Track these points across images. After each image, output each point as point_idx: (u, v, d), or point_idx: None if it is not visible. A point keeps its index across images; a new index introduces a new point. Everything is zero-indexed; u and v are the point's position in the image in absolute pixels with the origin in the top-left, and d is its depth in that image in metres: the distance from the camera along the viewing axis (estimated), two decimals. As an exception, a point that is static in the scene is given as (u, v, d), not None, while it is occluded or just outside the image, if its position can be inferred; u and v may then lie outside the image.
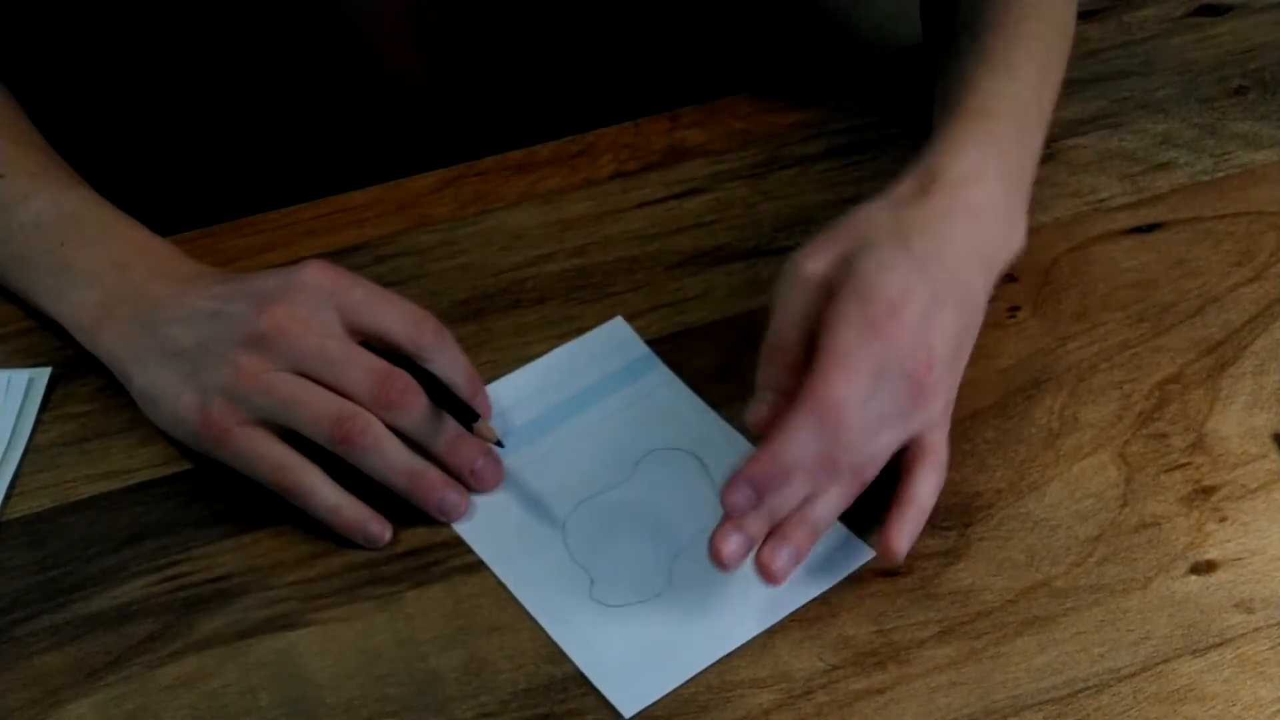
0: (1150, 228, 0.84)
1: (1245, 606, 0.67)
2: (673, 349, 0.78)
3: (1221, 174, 0.87)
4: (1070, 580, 0.68)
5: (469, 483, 0.71)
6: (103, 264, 0.75)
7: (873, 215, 0.72)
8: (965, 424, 0.75)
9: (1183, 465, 0.73)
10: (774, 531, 0.67)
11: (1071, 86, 0.91)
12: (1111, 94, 0.91)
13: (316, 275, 0.71)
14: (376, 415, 0.69)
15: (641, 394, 0.76)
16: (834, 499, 0.68)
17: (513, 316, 0.80)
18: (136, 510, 0.72)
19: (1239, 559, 0.69)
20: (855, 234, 0.70)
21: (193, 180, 0.94)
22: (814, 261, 0.69)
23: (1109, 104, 0.91)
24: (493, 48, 0.91)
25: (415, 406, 0.70)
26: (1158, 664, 0.65)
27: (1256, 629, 0.66)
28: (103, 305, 0.74)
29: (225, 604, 0.69)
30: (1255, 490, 0.72)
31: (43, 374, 0.76)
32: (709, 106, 0.91)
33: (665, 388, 0.76)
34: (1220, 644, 0.66)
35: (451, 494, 0.71)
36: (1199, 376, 0.76)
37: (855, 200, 0.85)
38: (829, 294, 0.68)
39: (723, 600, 0.68)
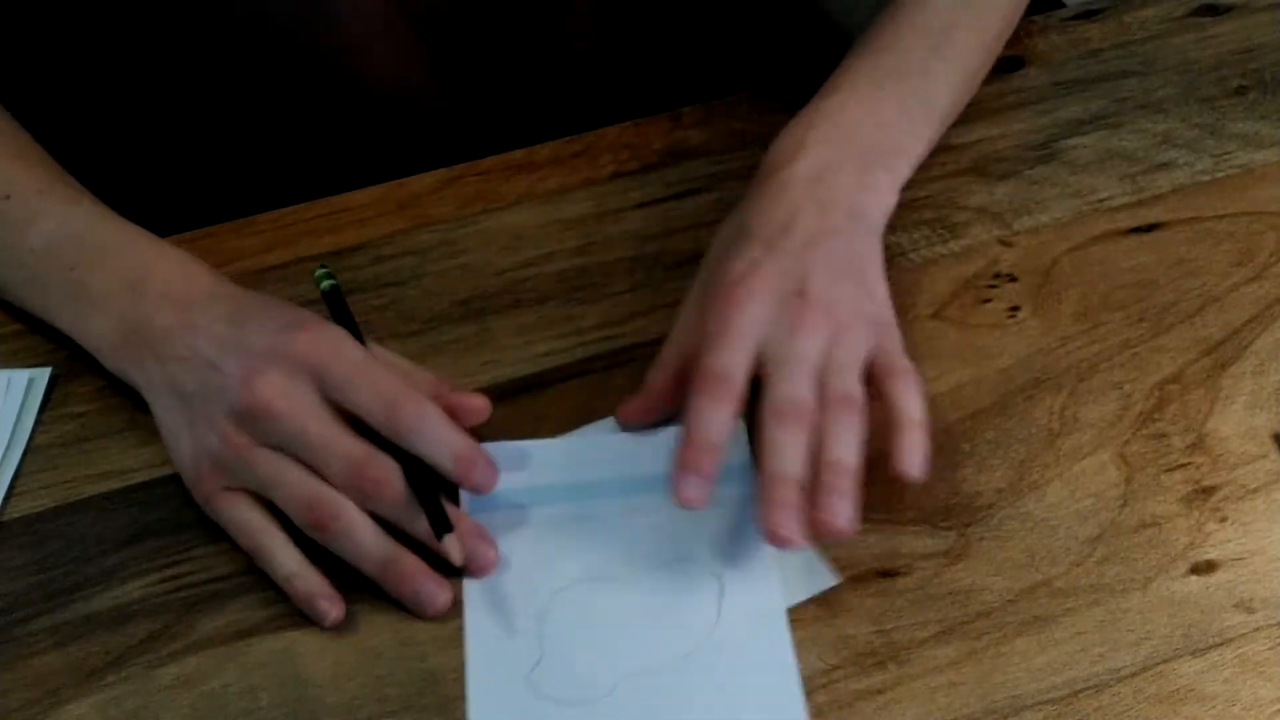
0: (1150, 228, 0.84)
1: (1245, 606, 0.67)
2: (673, 349, 0.78)
3: (1221, 174, 0.87)
4: (1070, 580, 0.68)
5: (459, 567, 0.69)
6: (114, 287, 0.74)
7: (717, 236, 0.77)
8: (965, 424, 0.75)
9: (1183, 465, 0.73)
10: (819, 487, 0.67)
11: (1071, 86, 0.91)
12: (1111, 94, 0.91)
13: (305, 346, 0.69)
14: (353, 500, 0.68)
15: (714, 502, 0.69)
16: (847, 435, 0.68)
17: (513, 316, 0.80)
18: (136, 510, 0.72)
19: (1239, 559, 0.69)
20: (706, 262, 0.76)
21: (193, 180, 0.94)
22: (684, 305, 0.75)
23: (1109, 104, 0.91)
24: (493, 48, 0.91)
25: (391, 496, 0.68)
26: (1158, 664, 0.65)
27: (1256, 629, 0.66)
28: (118, 332, 0.73)
29: (225, 604, 0.69)
30: (1255, 490, 0.72)
31: (43, 374, 0.76)
32: (709, 106, 0.91)
33: (737, 503, 0.71)
34: (1220, 644, 0.66)
35: (428, 585, 0.68)
36: (1199, 376, 0.76)
37: (855, 200, 0.85)
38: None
39: None
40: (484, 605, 0.68)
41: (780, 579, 0.68)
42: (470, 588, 0.68)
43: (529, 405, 0.76)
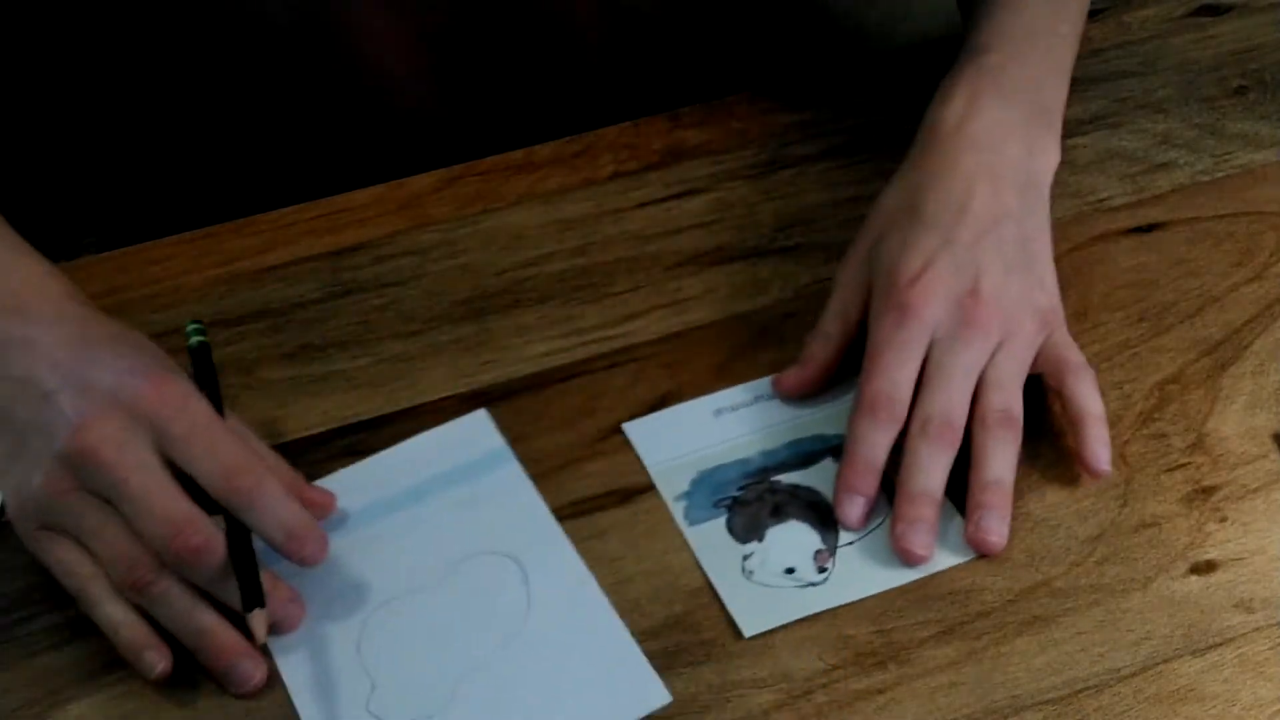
0: (1150, 228, 0.84)
1: (1245, 606, 0.67)
2: (673, 349, 0.78)
3: (1221, 174, 0.87)
4: (1070, 580, 0.68)
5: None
6: None
7: (885, 200, 0.77)
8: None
9: (1183, 465, 0.73)
10: (976, 507, 0.69)
11: (1072, 86, 0.91)
12: (1111, 94, 0.91)
13: (150, 397, 0.65)
14: (168, 562, 0.64)
15: (483, 492, 0.72)
16: (1003, 454, 0.70)
17: (513, 316, 0.80)
18: (136, 510, 0.72)
19: (1239, 559, 0.69)
20: (874, 228, 0.76)
21: (193, 180, 0.94)
22: (845, 270, 0.76)
23: (1109, 104, 0.91)
24: (493, 48, 0.91)
25: (208, 564, 0.64)
26: (1158, 664, 0.65)
27: (1256, 629, 0.66)
28: None
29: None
30: (1255, 490, 0.72)
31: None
32: (709, 106, 0.91)
33: (509, 487, 0.72)
34: (1220, 644, 0.66)
35: (243, 663, 0.65)
36: (1199, 376, 0.76)
37: (855, 200, 0.86)
38: (869, 292, 0.74)
39: None
40: (296, 652, 0.66)
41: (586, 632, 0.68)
42: (280, 642, 0.67)
43: (529, 405, 0.76)
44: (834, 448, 0.73)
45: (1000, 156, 0.76)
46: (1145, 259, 0.82)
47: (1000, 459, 0.70)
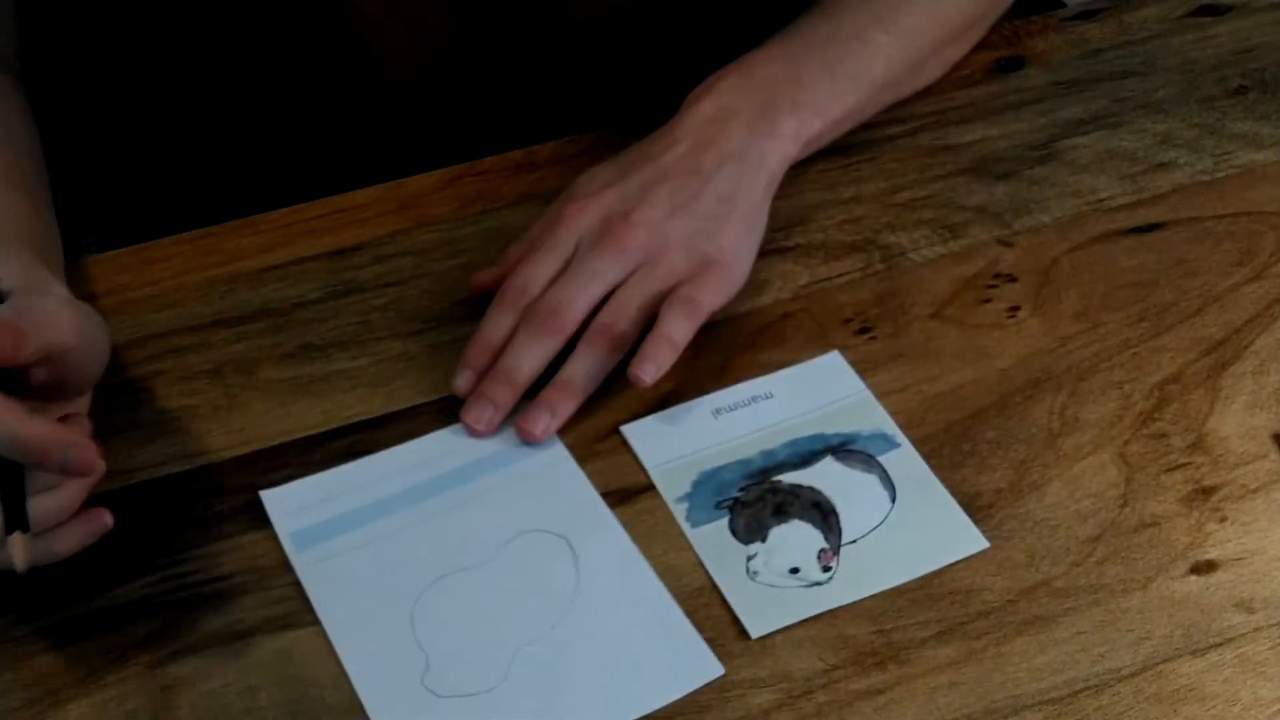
0: (1150, 228, 0.84)
1: (1245, 606, 0.67)
2: (673, 349, 0.78)
3: (1221, 174, 0.87)
4: (1070, 580, 0.68)
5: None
6: None
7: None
8: (965, 424, 0.75)
9: (1183, 465, 0.73)
10: (535, 400, 0.73)
11: (1071, 86, 0.91)
12: (1111, 94, 0.91)
13: None
14: None
15: (531, 470, 0.73)
16: (584, 360, 0.74)
17: (513, 316, 0.80)
18: (136, 510, 0.72)
19: (1239, 559, 0.69)
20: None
21: (193, 180, 0.94)
22: (562, 195, 0.81)
23: (1109, 104, 0.91)
24: (493, 47, 0.91)
25: None
26: (1158, 664, 0.65)
27: (1256, 629, 0.66)
28: None
29: (225, 604, 0.69)
30: (1255, 490, 0.72)
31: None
32: (709, 106, 0.91)
33: (556, 467, 0.73)
34: (1220, 644, 0.66)
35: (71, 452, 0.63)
36: (1199, 376, 0.76)
37: (855, 200, 0.86)
38: None
39: (556, 705, 0.65)
40: (352, 631, 0.67)
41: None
42: (332, 618, 0.67)
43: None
44: (834, 447, 0.73)
45: (717, 129, 0.80)
46: (1145, 259, 0.82)
47: (578, 364, 0.74)
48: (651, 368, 0.73)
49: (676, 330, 0.74)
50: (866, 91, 0.85)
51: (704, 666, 0.66)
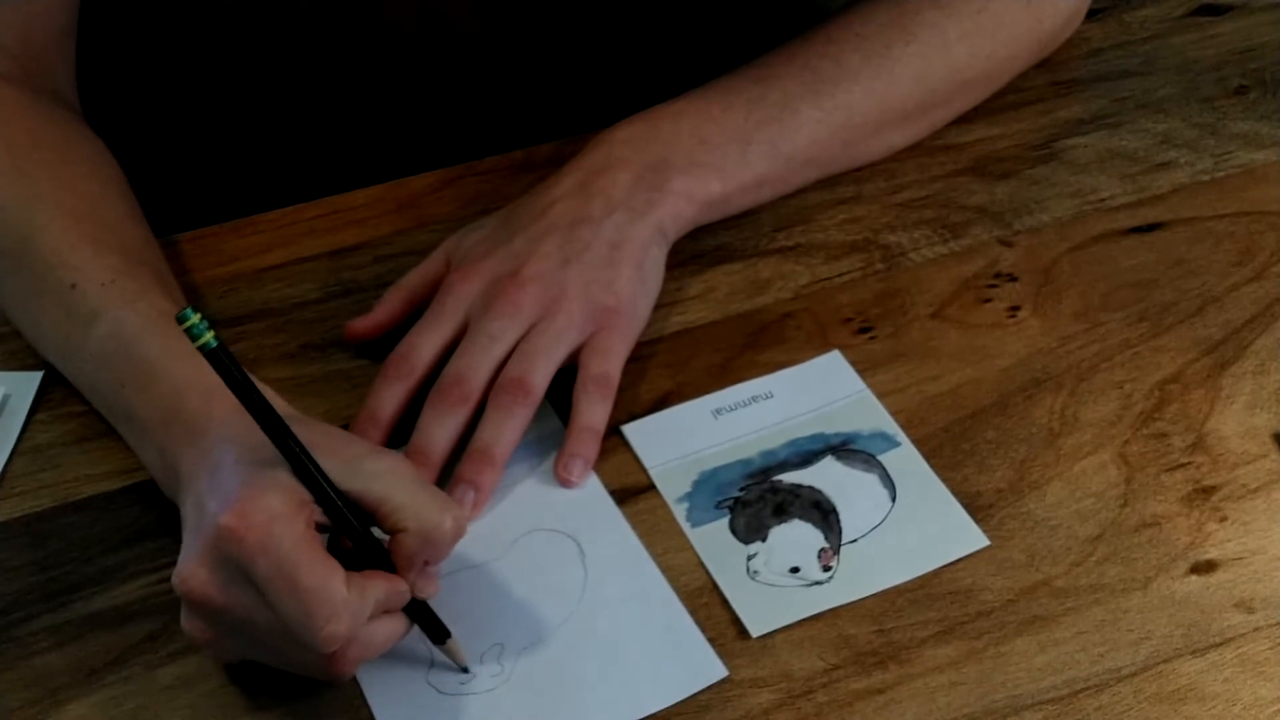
0: (1150, 228, 0.84)
1: (1245, 606, 0.67)
2: (672, 349, 0.78)
3: (1221, 174, 0.87)
4: (1070, 580, 0.68)
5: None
6: (153, 418, 0.68)
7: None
8: (965, 423, 0.75)
9: (1183, 465, 0.73)
10: (454, 476, 0.71)
11: (1072, 86, 0.91)
12: (1111, 94, 0.92)
13: (228, 533, 0.60)
14: None
15: (540, 470, 0.73)
16: (497, 423, 0.71)
17: (513, 316, 0.80)
18: (136, 510, 0.72)
19: (1239, 559, 0.69)
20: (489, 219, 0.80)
21: (193, 180, 0.94)
22: (448, 241, 0.79)
23: (1109, 104, 0.91)
24: (493, 47, 0.91)
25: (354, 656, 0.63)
26: (1158, 664, 0.65)
27: (1256, 629, 0.66)
28: (156, 467, 0.69)
29: (225, 604, 0.69)
30: (1255, 490, 0.72)
31: (32, 379, 0.76)
32: (709, 106, 0.91)
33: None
34: (1220, 644, 0.66)
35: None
36: (1199, 376, 0.76)
37: (855, 200, 0.86)
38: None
39: (559, 704, 0.65)
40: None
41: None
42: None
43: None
44: (834, 447, 0.73)
45: (606, 180, 0.78)
46: (1145, 259, 0.82)
47: (494, 427, 0.71)
48: (579, 464, 0.72)
49: (595, 416, 0.73)
50: (784, 163, 0.82)
51: (708, 668, 0.66)
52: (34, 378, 0.76)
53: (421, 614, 0.65)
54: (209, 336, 0.60)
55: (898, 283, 0.81)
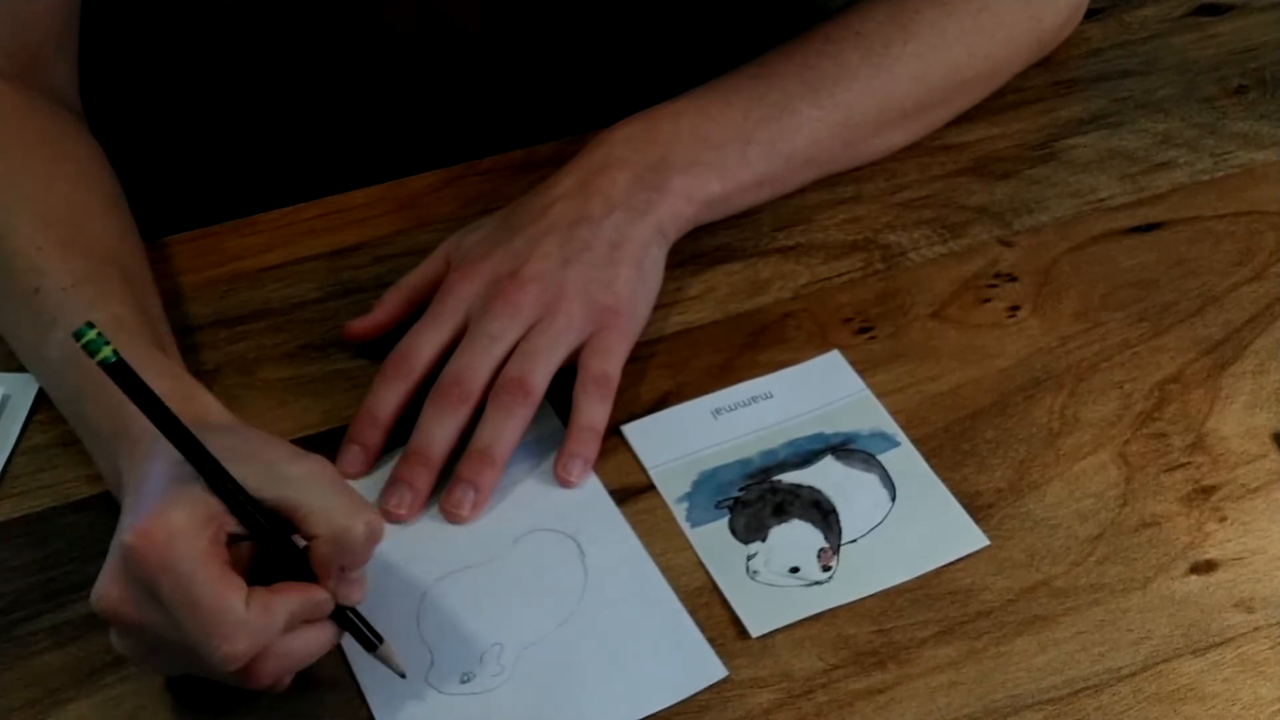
0: (1150, 227, 0.84)
1: (1245, 606, 0.67)
2: (672, 349, 0.78)
3: (1221, 174, 0.87)
4: (1070, 580, 0.68)
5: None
6: (104, 429, 0.68)
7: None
8: (965, 423, 0.75)
9: (1183, 465, 0.73)
10: (454, 476, 0.71)
11: (1072, 86, 0.91)
12: (1111, 94, 0.92)
13: (133, 552, 0.59)
14: None
15: (540, 470, 0.73)
16: (496, 423, 0.71)
17: (513, 316, 0.80)
18: (136, 510, 0.72)
19: (1239, 559, 0.69)
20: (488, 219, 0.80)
21: (193, 180, 0.94)
22: (447, 241, 0.79)
23: (1109, 104, 0.91)
24: (492, 47, 0.91)
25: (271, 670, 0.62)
26: (1158, 664, 0.65)
27: (1256, 629, 0.66)
28: (110, 476, 0.68)
29: (225, 604, 0.69)
30: (1255, 490, 0.72)
31: (32, 379, 0.76)
32: (709, 106, 0.91)
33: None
34: (1220, 644, 0.66)
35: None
36: (1199, 376, 0.76)
37: (855, 200, 0.86)
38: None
39: (559, 704, 0.64)
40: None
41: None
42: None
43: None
44: (834, 447, 0.73)
45: (605, 179, 0.78)
46: (1145, 259, 0.82)
47: (493, 427, 0.71)
48: (579, 464, 0.72)
49: (595, 416, 0.73)
50: (783, 162, 0.82)
51: (707, 668, 0.66)
52: (34, 378, 0.76)
53: (348, 622, 0.64)
54: (107, 351, 0.60)
55: (898, 283, 0.81)
